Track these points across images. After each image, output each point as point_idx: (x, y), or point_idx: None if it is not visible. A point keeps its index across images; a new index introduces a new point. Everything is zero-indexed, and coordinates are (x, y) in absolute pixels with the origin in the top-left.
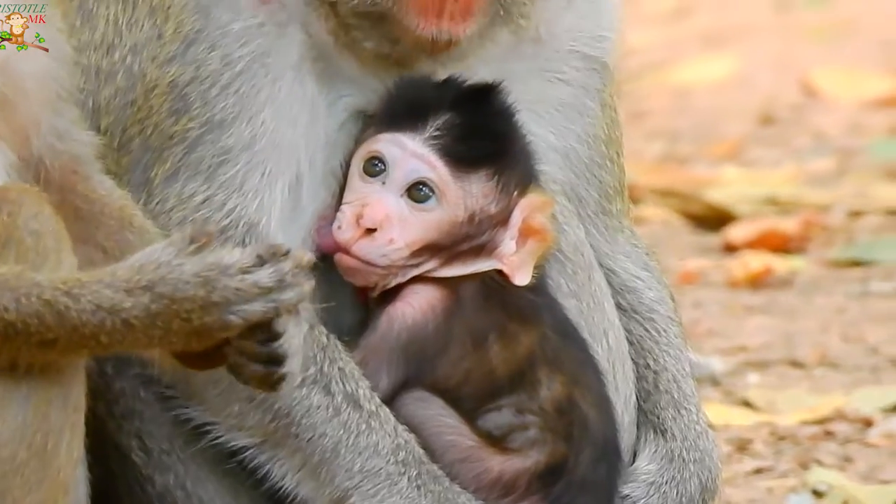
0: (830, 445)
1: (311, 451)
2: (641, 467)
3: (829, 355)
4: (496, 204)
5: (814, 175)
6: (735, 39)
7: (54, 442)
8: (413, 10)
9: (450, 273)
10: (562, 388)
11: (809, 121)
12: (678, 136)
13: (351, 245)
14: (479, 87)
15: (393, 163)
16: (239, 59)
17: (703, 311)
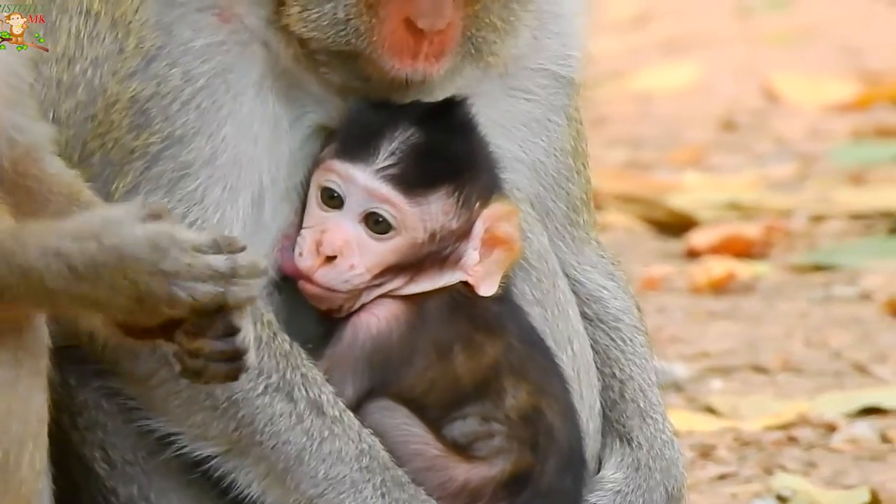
0: (794, 451)
1: (276, 459)
2: (608, 476)
3: (793, 361)
4: (457, 219)
5: (776, 180)
6: (696, 46)
7: (16, 454)
8: (388, 51)
9: (415, 289)
10: (527, 397)
11: (771, 126)
12: (641, 142)
13: (313, 273)
14: (439, 103)
15: (347, 195)
16: (200, 74)
17: (667, 317)
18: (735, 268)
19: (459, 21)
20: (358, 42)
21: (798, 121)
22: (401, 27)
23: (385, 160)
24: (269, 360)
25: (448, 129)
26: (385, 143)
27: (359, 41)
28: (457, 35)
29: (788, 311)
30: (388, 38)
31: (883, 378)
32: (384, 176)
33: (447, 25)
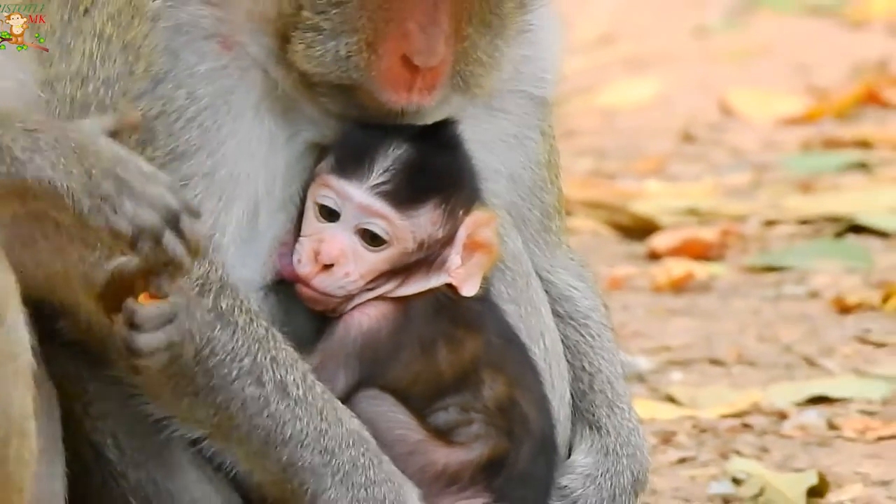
0: (748, 437)
1: (250, 443)
2: (578, 461)
3: (746, 354)
4: (444, 228)
5: (731, 188)
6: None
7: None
8: (385, 84)
9: (405, 292)
10: (504, 388)
11: (727, 138)
12: (606, 153)
13: (311, 279)
14: (428, 124)
15: (342, 210)
16: (203, 95)
17: (630, 314)
18: (693, 268)
19: (450, 57)
20: (357, 76)
21: (752, 133)
22: (397, 63)
23: (378, 177)
24: (243, 345)
25: (436, 147)
26: (378, 161)
27: (358, 76)
28: (447, 70)
29: (742, 308)
30: (386, 73)
31: (830, 370)
32: (378, 192)
33: (439, 62)
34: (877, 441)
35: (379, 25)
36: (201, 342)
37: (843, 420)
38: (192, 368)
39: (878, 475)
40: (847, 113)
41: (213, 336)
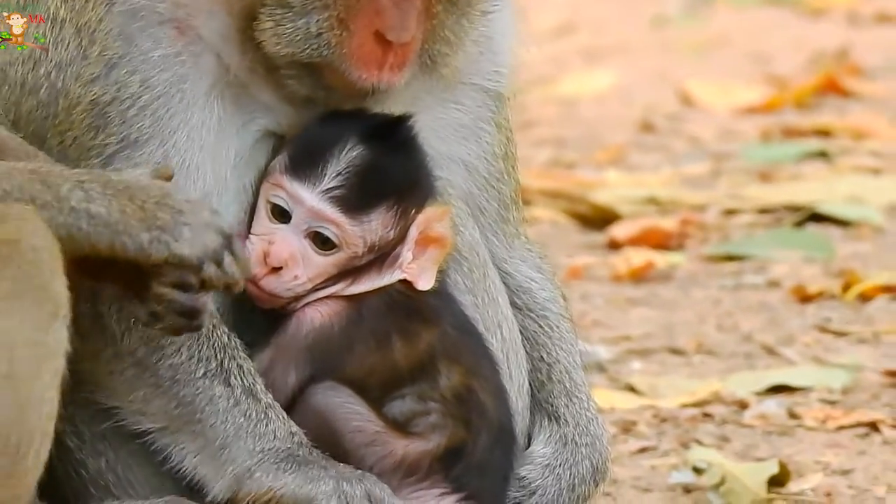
0: (708, 426)
1: (213, 436)
2: (537, 451)
3: (707, 343)
4: (395, 230)
5: (690, 177)
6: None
7: (26, 446)
8: (356, 61)
9: (356, 290)
10: (460, 378)
11: (685, 128)
12: (565, 143)
13: (259, 280)
14: (383, 123)
15: (294, 212)
16: (158, 83)
17: (590, 303)
18: (653, 258)
19: (419, 35)
20: (328, 54)
21: (711, 123)
22: (369, 40)
23: (330, 181)
24: (207, 350)
25: (391, 148)
26: (331, 163)
27: (329, 53)
28: (416, 47)
29: (702, 297)
30: (357, 50)
31: (790, 359)
32: (329, 198)
33: (411, 38)
34: (837, 430)
35: (351, 2)
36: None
37: (804, 409)
38: (155, 361)
39: (839, 464)
40: (806, 102)
41: (176, 338)
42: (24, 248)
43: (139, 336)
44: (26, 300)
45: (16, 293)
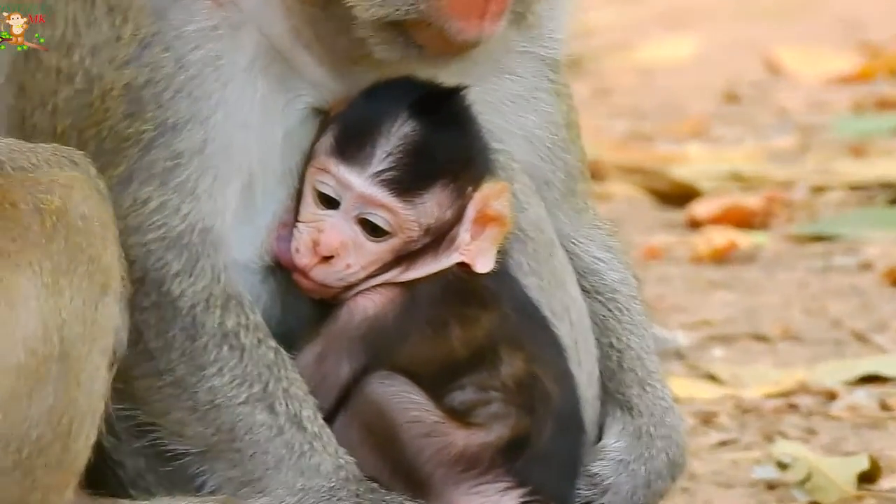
0: (794, 418)
1: (252, 468)
2: (609, 445)
3: (793, 329)
4: (452, 209)
5: (777, 152)
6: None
7: (77, 427)
8: (455, 14)
9: (412, 276)
10: (522, 365)
11: (772, 98)
12: (643, 114)
13: (309, 270)
14: (434, 95)
15: (342, 198)
16: (192, 63)
17: (668, 286)
18: (736, 238)
19: None
20: (425, 8)
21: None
22: None
23: (380, 164)
24: (252, 369)
25: (443, 122)
26: (380, 144)
27: (427, 7)
28: None
29: (788, 280)
30: (457, 1)
31: (882, 346)
32: (380, 181)
33: None
34: None
35: None
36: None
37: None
38: (194, 383)
39: None
40: None
41: (220, 355)
42: (71, 218)
43: (178, 354)
44: (76, 274)
45: (64, 267)
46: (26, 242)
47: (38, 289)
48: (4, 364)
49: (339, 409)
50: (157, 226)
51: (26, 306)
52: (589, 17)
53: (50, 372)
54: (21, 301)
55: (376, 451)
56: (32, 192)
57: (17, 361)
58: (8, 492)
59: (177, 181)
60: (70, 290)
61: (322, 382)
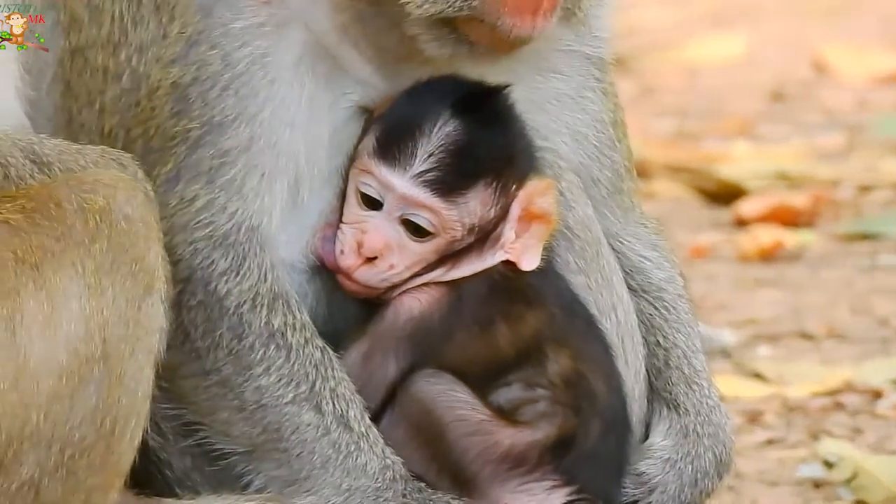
0: (840, 417)
1: (299, 467)
2: (656, 443)
3: (839, 328)
4: (496, 207)
5: (823, 151)
6: (744, 18)
7: (121, 427)
8: (508, 10)
9: (456, 275)
10: (569, 362)
11: (819, 97)
12: (689, 112)
13: (353, 272)
14: (475, 94)
15: (385, 199)
16: (239, 60)
17: (715, 284)
18: (782, 236)
19: None
20: (479, 5)
21: (846, 92)
22: None
23: (422, 164)
24: (299, 369)
25: (484, 120)
26: (421, 144)
27: (480, 4)
28: None
29: (834, 279)
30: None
31: None
32: (422, 182)
33: None
34: None
35: None
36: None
37: None
38: (241, 383)
39: None
40: None
41: (267, 354)
42: (115, 218)
43: (225, 353)
44: (119, 274)
45: (107, 268)
46: (70, 242)
47: (81, 289)
48: (46, 365)
49: (385, 408)
50: (204, 224)
51: (68, 306)
52: (636, 17)
53: (92, 372)
54: (63, 301)
55: (423, 449)
56: (77, 192)
57: (59, 362)
58: (51, 493)
59: (224, 179)
60: (113, 290)
61: (369, 381)
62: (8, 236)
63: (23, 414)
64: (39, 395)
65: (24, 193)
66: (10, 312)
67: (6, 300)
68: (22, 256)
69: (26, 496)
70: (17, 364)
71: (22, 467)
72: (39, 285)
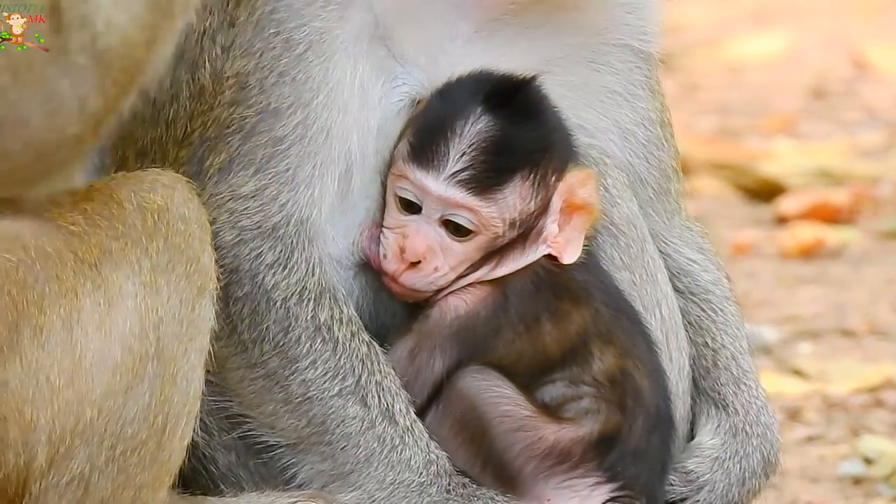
0: (881, 413)
1: (343, 460)
2: (705, 442)
3: (880, 325)
4: (535, 200)
5: (864, 148)
6: (786, 15)
7: (172, 425)
8: None
9: (501, 273)
10: (614, 360)
11: (860, 95)
12: (731, 110)
13: (398, 277)
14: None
15: (423, 202)
16: (298, 42)
17: (756, 281)
18: (823, 233)
19: None
20: None
21: (887, 90)
22: None
23: (455, 164)
24: (345, 362)
25: (517, 113)
26: (453, 143)
27: None
28: None
29: (876, 275)
30: None
31: None
32: (457, 182)
33: None
34: None
35: None
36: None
37: None
38: (287, 376)
39: None
40: None
41: (313, 347)
42: (172, 218)
43: (272, 346)
44: (174, 274)
45: (163, 267)
46: (128, 241)
47: (137, 287)
48: (101, 362)
49: (431, 404)
50: (254, 212)
51: (124, 305)
52: (679, 14)
53: (146, 370)
54: (120, 300)
55: (467, 444)
56: (136, 191)
57: (114, 359)
58: (100, 489)
59: (276, 170)
60: (168, 289)
61: (415, 378)
62: (70, 238)
63: (77, 410)
64: (93, 391)
65: (85, 194)
66: (67, 311)
67: (64, 299)
68: (82, 256)
69: (76, 491)
70: (72, 360)
71: (73, 462)
72: (97, 284)
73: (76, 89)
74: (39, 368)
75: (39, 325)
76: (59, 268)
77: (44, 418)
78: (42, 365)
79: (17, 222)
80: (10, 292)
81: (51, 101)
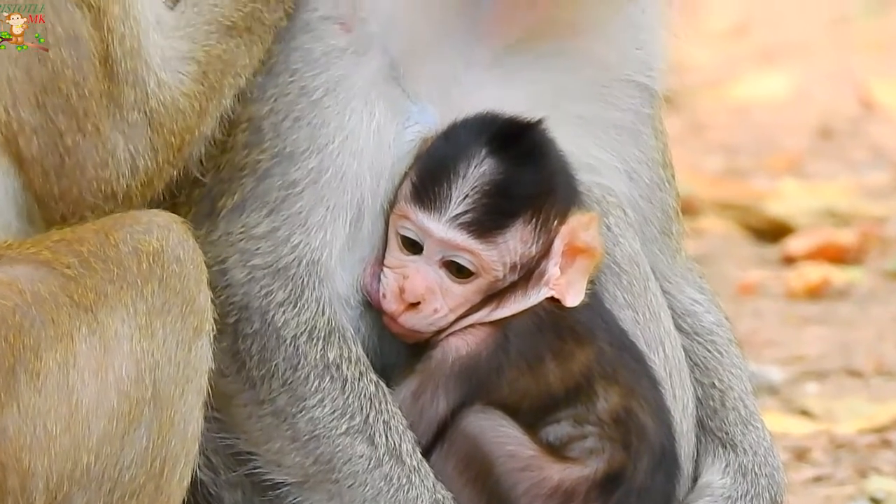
0: (888, 454)
1: (350, 499)
2: (715, 482)
3: (887, 364)
4: (537, 244)
5: (871, 188)
6: (793, 55)
7: (170, 469)
8: None
9: (502, 315)
10: (618, 399)
11: (867, 134)
12: (738, 150)
13: (397, 317)
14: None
15: (424, 243)
16: (315, 88)
17: (762, 321)
18: (830, 273)
19: None
20: None
21: (893, 128)
22: None
23: (457, 207)
24: (353, 401)
25: (519, 157)
26: (455, 186)
27: None
28: None
29: (882, 315)
30: None
31: None
32: (458, 224)
33: None
34: None
35: None
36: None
37: None
38: (294, 413)
39: None
40: None
41: (322, 386)
42: (167, 260)
43: (280, 383)
44: (170, 316)
45: (159, 309)
46: (123, 284)
47: (133, 330)
48: (98, 407)
49: (435, 444)
50: (265, 253)
51: (120, 349)
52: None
53: (143, 414)
54: (115, 343)
55: (472, 484)
56: (132, 233)
57: (111, 404)
58: None
59: (289, 212)
60: (164, 331)
61: (419, 418)
62: (65, 281)
63: (74, 456)
64: (90, 437)
65: (80, 235)
66: (63, 356)
67: (60, 343)
68: (77, 300)
69: None
70: (69, 406)
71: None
72: (93, 328)
73: (129, 143)
74: (36, 414)
75: (36, 371)
76: (55, 312)
77: (41, 465)
78: (39, 411)
79: (12, 266)
80: (6, 337)
81: (104, 150)
